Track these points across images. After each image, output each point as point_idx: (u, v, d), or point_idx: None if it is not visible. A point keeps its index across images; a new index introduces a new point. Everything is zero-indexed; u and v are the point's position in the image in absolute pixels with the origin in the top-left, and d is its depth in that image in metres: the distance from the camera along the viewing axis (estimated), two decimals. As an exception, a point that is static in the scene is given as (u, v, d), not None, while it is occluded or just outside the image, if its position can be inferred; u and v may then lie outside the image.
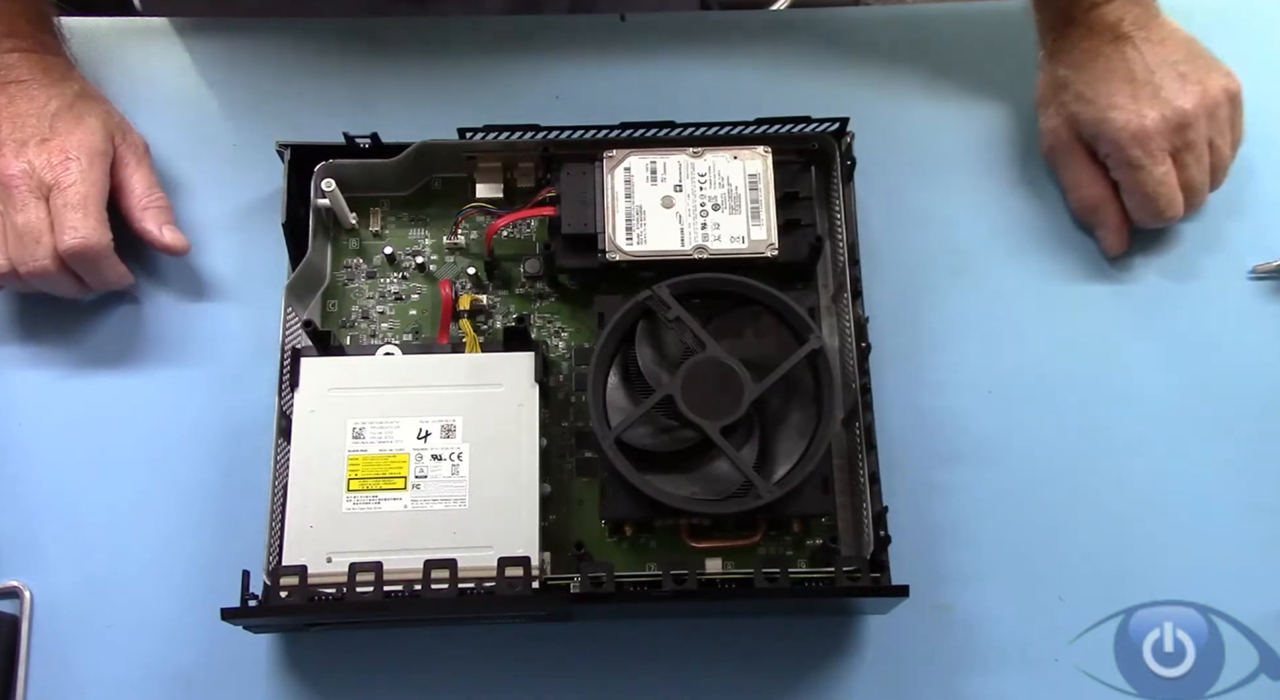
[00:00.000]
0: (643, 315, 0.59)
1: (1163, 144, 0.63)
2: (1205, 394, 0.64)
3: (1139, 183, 0.64)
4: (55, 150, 0.61)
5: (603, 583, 0.55)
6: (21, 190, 0.60)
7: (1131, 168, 0.64)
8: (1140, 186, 0.64)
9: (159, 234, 0.64)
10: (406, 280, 0.65)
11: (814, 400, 0.58)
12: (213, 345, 0.64)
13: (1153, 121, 0.63)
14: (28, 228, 0.60)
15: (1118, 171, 0.65)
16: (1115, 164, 0.65)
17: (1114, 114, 0.63)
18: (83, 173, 0.61)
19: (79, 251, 0.60)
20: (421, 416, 0.57)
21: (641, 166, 0.61)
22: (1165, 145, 0.64)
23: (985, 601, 0.60)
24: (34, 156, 0.61)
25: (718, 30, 0.72)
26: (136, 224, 0.64)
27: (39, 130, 0.62)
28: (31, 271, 0.60)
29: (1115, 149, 0.64)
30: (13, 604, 0.60)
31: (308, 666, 0.59)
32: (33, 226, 0.60)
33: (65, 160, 0.61)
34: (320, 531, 0.55)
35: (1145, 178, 0.64)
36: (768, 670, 0.60)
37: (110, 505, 0.61)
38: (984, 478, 0.63)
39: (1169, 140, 0.64)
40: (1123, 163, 0.64)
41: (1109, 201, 0.66)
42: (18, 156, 0.61)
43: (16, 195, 0.60)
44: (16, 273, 0.61)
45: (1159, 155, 0.63)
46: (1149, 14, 0.65)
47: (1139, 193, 0.64)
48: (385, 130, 0.63)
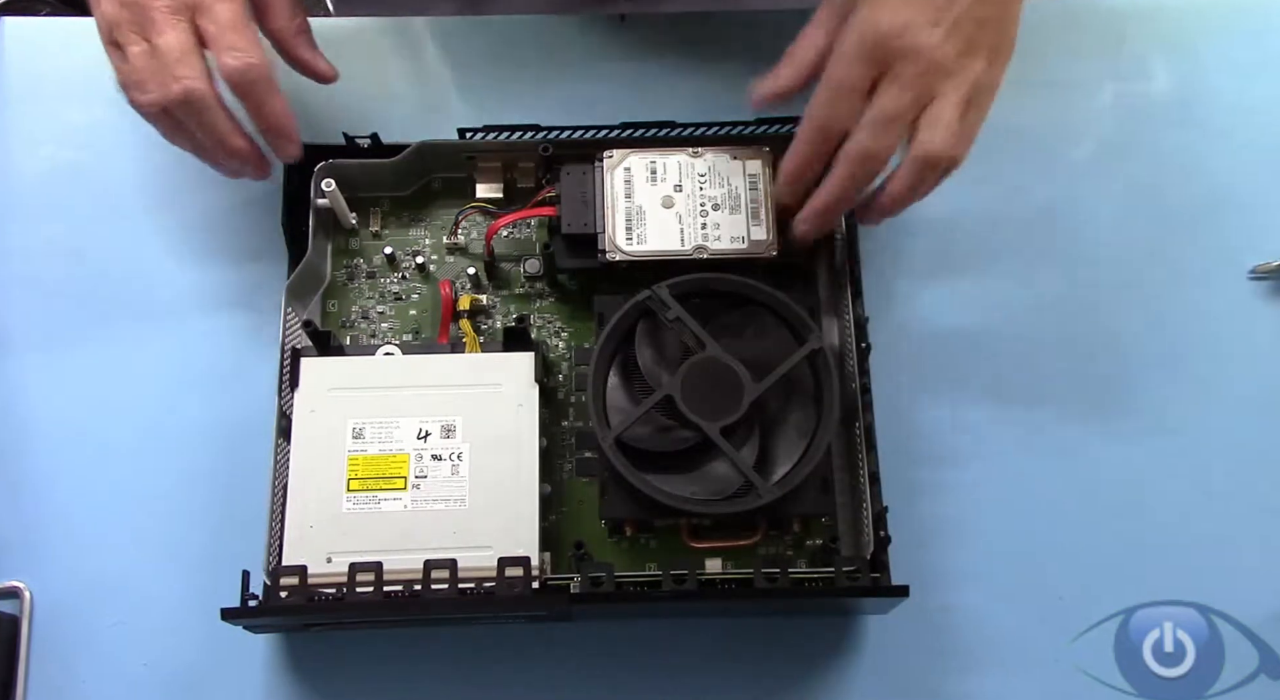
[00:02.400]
0: (642, 315, 0.59)
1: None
2: (1205, 394, 0.64)
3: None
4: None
5: (603, 583, 0.55)
6: (161, 10, 0.54)
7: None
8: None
9: (315, 61, 0.59)
10: (406, 280, 0.65)
11: (814, 400, 0.58)
12: (213, 345, 0.64)
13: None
14: (171, 49, 0.53)
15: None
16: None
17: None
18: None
19: (244, 74, 0.54)
20: (421, 416, 0.57)
21: (641, 166, 0.61)
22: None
23: (985, 601, 0.60)
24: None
25: (718, 30, 0.72)
26: (289, 50, 0.58)
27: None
28: (180, 95, 0.54)
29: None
30: (13, 604, 0.60)
31: (308, 666, 0.59)
32: (177, 46, 0.53)
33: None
34: (320, 531, 0.55)
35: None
36: (768, 670, 0.60)
37: (110, 505, 0.61)
38: (984, 478, 0.63)
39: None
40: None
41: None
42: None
43: (157, 17, 0.54)
44: (168, 105, 0.54)
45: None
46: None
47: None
48: (385, 130, 0.63)
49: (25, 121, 0.69)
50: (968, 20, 0.53)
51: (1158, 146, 0.70)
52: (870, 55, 0.54)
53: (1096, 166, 0.69)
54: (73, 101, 0.69)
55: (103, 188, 0.68)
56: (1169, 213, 0.68)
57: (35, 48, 0.71)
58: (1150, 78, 0.71)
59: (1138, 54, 0.72)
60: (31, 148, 0.69)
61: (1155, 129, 0.70)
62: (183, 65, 0.54)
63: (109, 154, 0.68)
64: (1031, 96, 0.69)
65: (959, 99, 0.54)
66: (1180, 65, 0.71)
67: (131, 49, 0.55)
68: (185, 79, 0.54)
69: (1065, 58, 0.72)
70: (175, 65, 0.54)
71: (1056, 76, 0.71)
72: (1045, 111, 0.70)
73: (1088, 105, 0.71)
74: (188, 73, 0.54)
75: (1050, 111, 0.70)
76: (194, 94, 0.54)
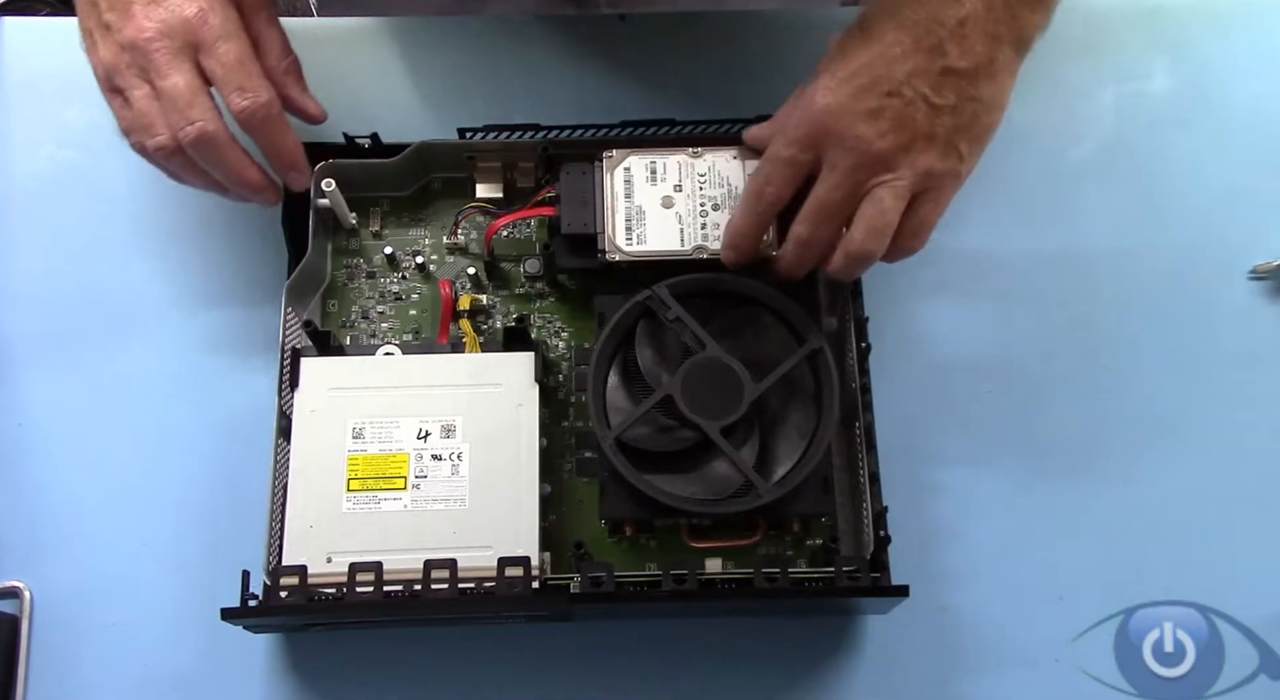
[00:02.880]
0: (643, 315, 0.59)
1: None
2: (1205, 394, 0.64)
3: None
4: (186, 3, 0.54)
5: (603, 583, 0.55)
6: (163, 53, 0.53)
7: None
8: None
9: (305, 102, 0.59)
10: (406, 280, 0.65)
11: (814, 400, 0.58)
12: (213, 345, 0.64)
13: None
14: (180, 91, 0.53)
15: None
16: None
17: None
18: (223, 24, 0.54)
19: (254, 114, 0.55)
20: (421, 416, 0.57)
21: (641, 166, 0.61)
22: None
23: (985, 601, 0.60)
24: (165, 14, 0.54)
25: (717, 30, 0.72)
26: (278, 90, 0.57)
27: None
28: (195, 137, 0.54)
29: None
30: (13, 604, 0.60)
31: (308, 666, 0.59)
32: (185, 88, 0.54)
33: (200, 13, 0.54)
34: (320, 531, 0.55)
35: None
36: (768, 670, 0.60)
37: (110, 505, 0.61)
38: (984, 478, 0.63)
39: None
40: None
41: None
42: (149, 17, 0.54)
43: (159, 59, 0.53)
44: (179, 144, 0.54)
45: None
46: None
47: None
48: (385, 130, 0.63)
49: (25, 121, 0.69)
50: (918, 111, 0.51)
51: (1158, 146, 0.70)
52: (808, 138, 0.53)
53: (1096, 166, 0.69)
54: (73, 101, 0.69)
55: (102, 188, 0.68)
56: (1169, 213, 0.68)
57: (35, 48, 0.71)
58: (1150, 78, 0.71)
59: (1138, 54, 0.72)
60: (31, 148, 0.69)
61: (1155, 129, 0.70)
62: (194, 107, 0.54)
63: (109, 154, 0.68)
64: (1031, 97, 0.69)
65: (898, 194, 0.52)
66: (1180, 65, 0.71)
67: (135, 93, 0.55)
68: (199, 121, 0.54)
69: (1065, 58, 0.72)
70: (186, 108, 0.54)
71: (1056, 76, 0.71)
72: (1045, 112, 0.70)
73: (1088, 106, 0.71)
74: (200, 115, 0.54)
75: (1050, 112, 0.70)
76: (208, 135, 0.54)
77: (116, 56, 0.55)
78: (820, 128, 0.52)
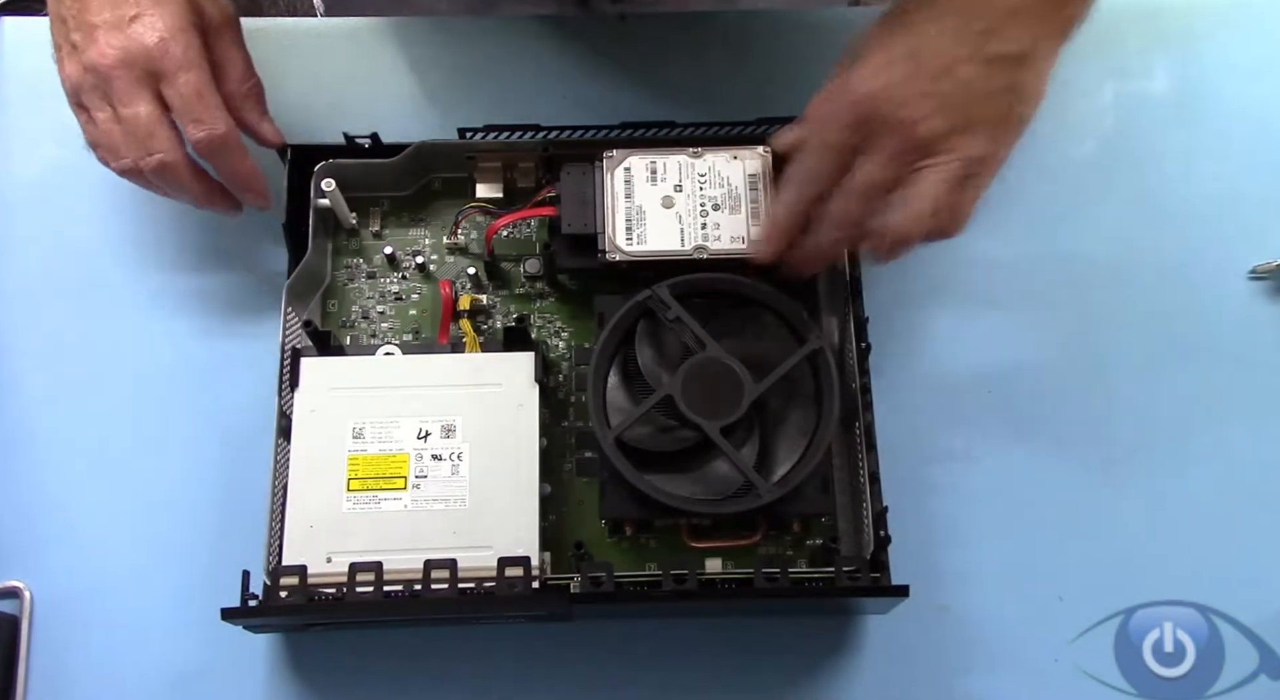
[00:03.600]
0: (643, 315, 0.59)
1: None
2: (1205, 394, 0.64)
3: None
4: (148, 31, 0.55)
5: (603, 583, 0.55)
6: (124, 81, 0.55)
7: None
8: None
9: (260, 127, 0.60)
10: (406, 280, 0.65)
11: (814, 400, 0.58)
12: (213, 345, 0.64)
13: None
14: (137, 121, 0.55)
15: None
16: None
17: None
18: (184, 53, 0.55)
19: (210, 145, 0.56)
20: (421, 416, 0.57)
21: (641, 166, 0.61)
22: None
23: (985, 601, 0.60)
24: (125, 42, 0.55)
25: (718, 30, 0.72)
26: (235, 113, 0.58)
27: (122, 8, 0.55)
28: (155, 167, 0.56)
29: None
30: (13, 604, 0.60)
31: (308, 666, 0.59)
32: (144, 119, 0.55)
33: (161, 42, 0.55)
34: (320, 531, 0.55)
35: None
36: (768, 670, 0.60)
37: (110, 505, 0.61)
38: (984, 478, 0.63)
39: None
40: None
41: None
42: (110, 43, 0.55)
43: (119, 88, 0.55)
44: (140, 169, 0.56)
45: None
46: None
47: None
48: (385, 130, 0.63)
49: (25, 121, 0.69)
50: (967, 93, 0.50)
51: (1158, 146, 0.70)
52: (854, 123, 0.52)
53: (1096, 166, 0.69)
54: (73, 101, 0.69)
55: (102, 188, 0.67)
56: (1169, 213, 0.68)
57: (35, 48, 0.70)
58: (1150, 78, 0.71)
59: (1138, 54, 0.72)
60: (31, 148, 0.69)
61: (1155, 129, 0.70)
62: (154, 138, 0.55)
63: (109, 154, 0.68)
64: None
65: (943, 178, 0.51)
66: (1180, 65, 0.71)
67: (98, 115, 0.56)
68: (158, 152, 0.56)
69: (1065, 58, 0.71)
70: (147, 138, 0.55)
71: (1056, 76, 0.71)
72: (1045, 111, 0.70)
73: (1088, 105, 0.71)
74: (160, 146, 0.56)
75: (1050, 111, 0.70)
76: (168, 165, 0.56)
77: (81, 76, 0.56)
78: (866, 112, 0.51)
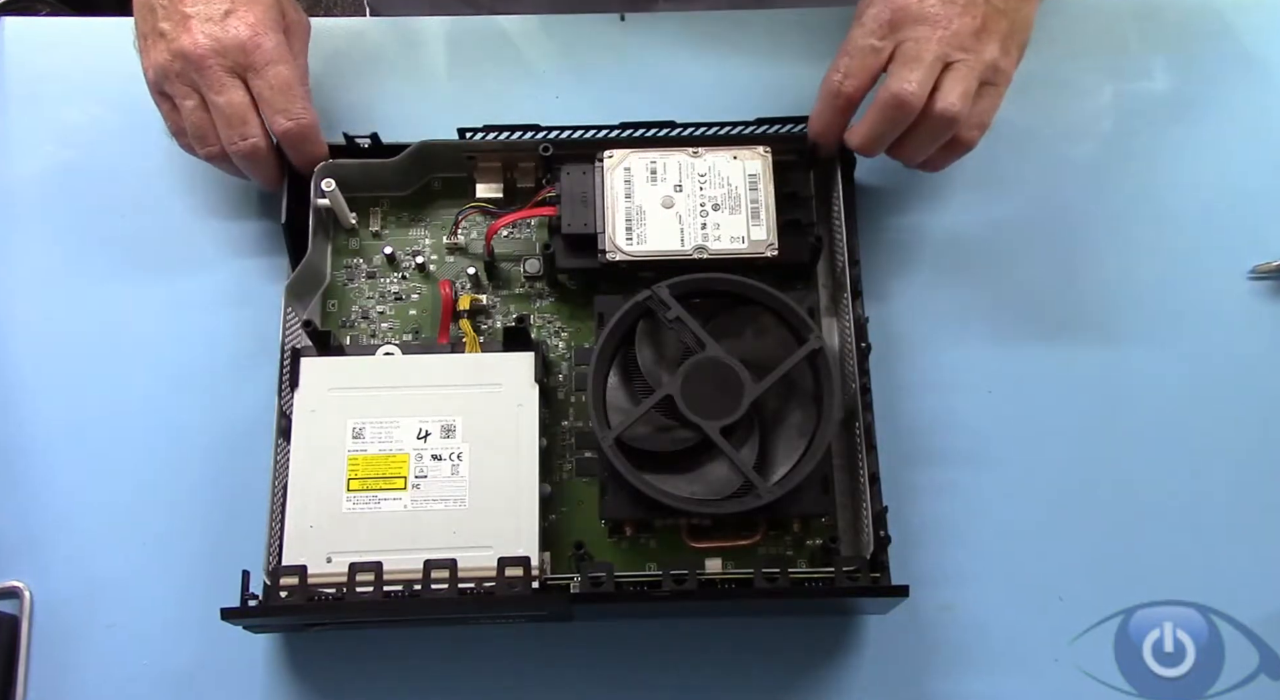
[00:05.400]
0: (643, 315, 0.59)
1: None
2: (1205, 394, 0.64)
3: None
4: (241, 25, 0.58)
5: (603, 583, 0.55)
6: (216, 70, 0.58)
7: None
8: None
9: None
10: (406, 280, 0.65)
11: (814, 400, 0.58)
12: (213, 345, 0.64)
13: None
14: (231, 108, 0.58)
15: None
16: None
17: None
18: (275, 49, 0.59)
19: (296, 136, 0.60)
20: (421, 416, 0.57)
21: (641, 166, 0.61)
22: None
23: (985, 601, 0.60)
24: (220, 33, 0.58)
25: (718, 30, 0.72)
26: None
27: (216, 2, 0.58)
28: (243, 151, 0.59)
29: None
30: (13, 604, 0.60)
31: (308, 666, 0.59)
32: (236, 107, 0.59)
33: (255, 36, 0.58)
34: (320, 531, 0.55)
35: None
36: (768, 670, 0.60)
37: (110, 505, 0.61)
38: (984, 478, 0.63)
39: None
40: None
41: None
42: (204, 34, 0.58)
43: (211, 75, 0.58)
44: (226, 154, 0.60)
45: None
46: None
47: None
48: (385, 130, 0.63)
49: (25, 121, 0.69)
50: (985, 7, 0.58)
51: (1158, 146, 0.70)
52: (889, 23, 0.58)
53: (1096, 166, 0.69)
54: (73, 101, 0.69)
55: (102, 188, 0.68)
56: (1169, 213, 0.68)
57: (35, 48, 0.71)
58: (1150, 78, 0.71)
59: (1138, 54, 0.72)
60: (31, 148, 0.69)
61: (1155, 129, 0.70)
62: (247, 125, 0.59)
63: (109, 154, 0.68)
64: (1031, 96, 0.69)
65: (973, 73, 0.57)
66: (1180, 65, 0.71)
67: (185, 103, 0.60)
68: (251, 138, 0.59)
69: (1065, 58, 0.72)
70: (240, 125, 0.59)
71: (1056, 76, 0.71)
72: (1045, 111, 0.70)
73: (1088, 105, 0.71)
74: (252, 132, 0.59)
75: (1050, 111, 0.70)
76: (260, 150, 0.60)
77: (168, 63, 0.59)
78: (900, 11, 0.58)
